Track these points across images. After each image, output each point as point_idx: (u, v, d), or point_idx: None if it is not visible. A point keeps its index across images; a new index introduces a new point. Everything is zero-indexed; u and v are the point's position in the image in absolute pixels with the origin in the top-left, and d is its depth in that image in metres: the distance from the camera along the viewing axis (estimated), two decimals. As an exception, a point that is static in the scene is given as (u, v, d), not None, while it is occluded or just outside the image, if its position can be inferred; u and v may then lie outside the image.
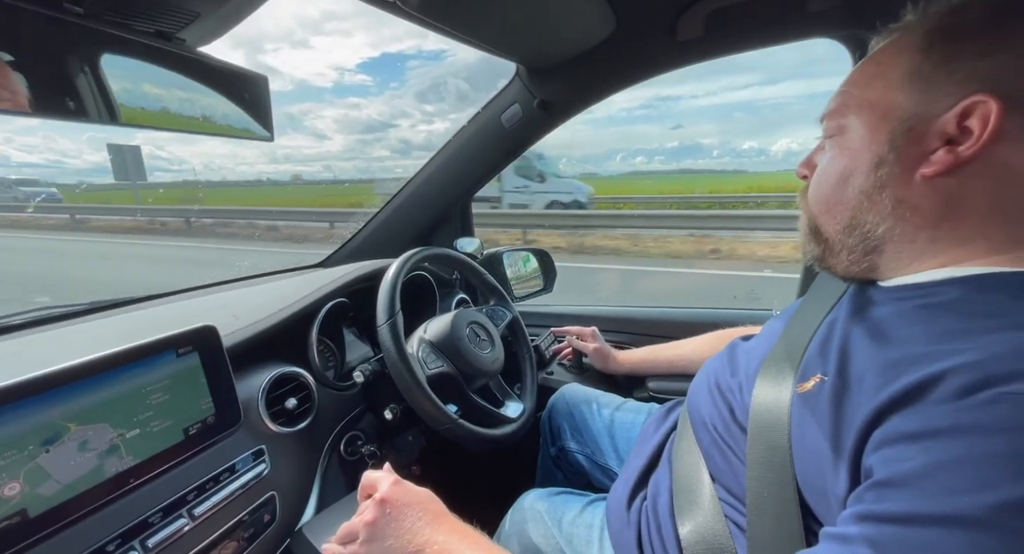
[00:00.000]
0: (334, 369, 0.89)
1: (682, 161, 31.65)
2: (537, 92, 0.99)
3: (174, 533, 0.50)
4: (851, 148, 0.44)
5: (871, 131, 0.43)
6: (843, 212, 0.45)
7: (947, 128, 0.38)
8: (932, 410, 0.31)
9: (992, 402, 0.29)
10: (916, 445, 0.31)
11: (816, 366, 0.44)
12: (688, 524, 0.51)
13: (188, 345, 0.56)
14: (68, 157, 34.37)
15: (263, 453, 0.63)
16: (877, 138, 0.42)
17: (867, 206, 0.43)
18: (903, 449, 0.31)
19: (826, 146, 0.48)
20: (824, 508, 0.39)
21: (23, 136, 66.04)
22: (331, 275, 0.93)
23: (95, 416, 0.47)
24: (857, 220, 0.44)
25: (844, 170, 0.45)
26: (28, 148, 57.97)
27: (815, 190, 0.48)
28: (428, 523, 0.49)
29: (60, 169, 35.83)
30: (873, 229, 0.44)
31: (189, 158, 33.87)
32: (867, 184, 0.43)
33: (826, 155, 0.47)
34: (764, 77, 58.30)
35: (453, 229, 1.26)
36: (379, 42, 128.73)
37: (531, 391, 0.93)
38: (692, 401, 0.61)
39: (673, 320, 1.19)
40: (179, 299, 0.92)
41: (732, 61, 19.17)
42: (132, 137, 5.71)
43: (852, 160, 0.44)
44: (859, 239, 0.45)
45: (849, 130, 0.45)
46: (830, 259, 0.48)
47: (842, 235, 0.46)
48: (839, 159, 0.45)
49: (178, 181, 21.57)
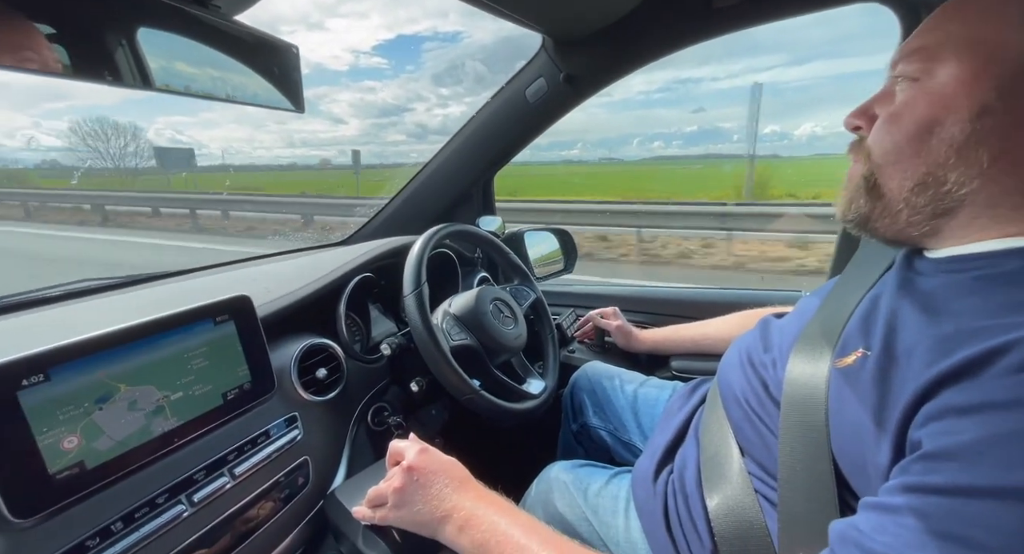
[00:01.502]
0: (360, 343, 0.90)
1: (702, 145, 30.45)
2: (563, 65, 0.96)
3: (217, 490, 0.52)
4: (942, 93, 0.39)
5: (975, 73, 0.38)
6: (917, 167, 0.41)
7: None
8: (991, 384, 0.30)
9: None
10: (971, 418, 0.30)
11: (857, 341, 0.43)
12: (716, 497, 0.51)
13: (225, 314, 0.57)
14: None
15: (296, 420, 0.65)
16: (982, 82, 0.37)
17: (953, 162, 0.39)
18: (956, 422, 0.31)
19: (899, 91, 0.43)
20: (862, 481, 0.39)
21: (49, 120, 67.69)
22: (356, 251, 0.94)
23: (142, 378, 0.49)
24: (935, 178, 0.40)
25: (928, 118, 0.40)
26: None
27: (883, 138, 0.43)
28: (455, 489, 0.50)
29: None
30: (954, 189, 0.39)
31: (208, 142, 33.43)
32: (960, 136, 0.38)
33: (899, 101, 0.42)
34: (789, 58, 55.87)
35: (475, 207, 1.26)
36: (395, 24, 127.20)
37: (553, 370, 0.94)
38: (723, 376, 0.60)
39: (696, 300, 1.17)
40: (212, 273, 0.94)
41: (756, 41, 17.75)
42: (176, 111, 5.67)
43: (941, 107, 0.39)
44: (931, 199, 0.41)
45: (938, 72, 0.39)
46: (881, 220, 0.44)
47: (909, 193, 0.41)
48: (921, 105, 0.40)
49: (213, 165, 21.55)
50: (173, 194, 10.83)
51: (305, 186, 15.85)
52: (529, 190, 11.40)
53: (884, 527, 0.31)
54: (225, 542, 0.53)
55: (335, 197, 9.49)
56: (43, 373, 0.41)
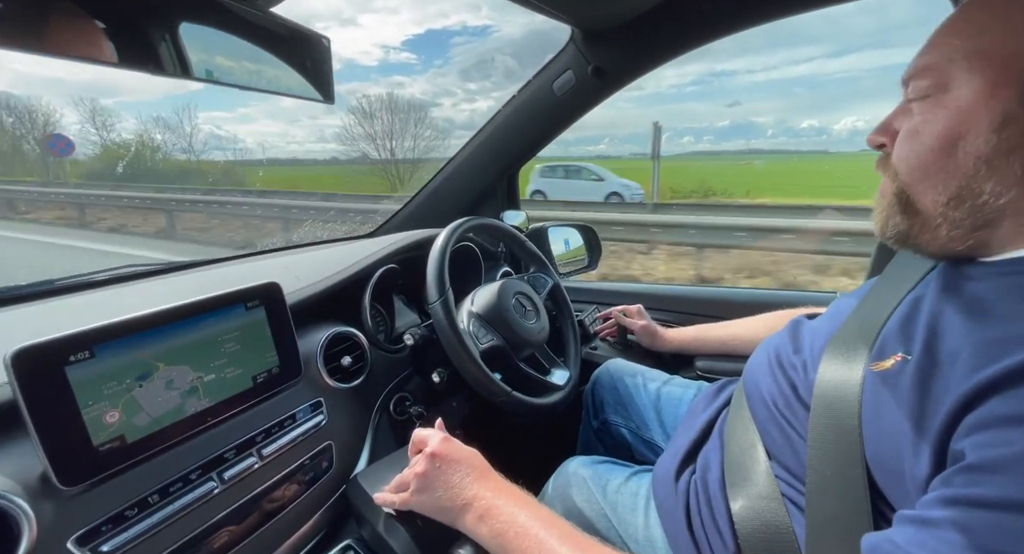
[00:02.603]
0: (385, 332, 0.92)
1: (733, 140, 28.99)
2: (592, 57, 0.95)
3: (246, 469, 0.54)
4: (959, 107, 0.39)
5: (991, 85, 0.37)
6: (949, 181, 0.40)
7: None
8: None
9: None
10: (1018, 429, 0.28)
11: (896, 345, 0.41)
12: (740, 500, 0.50)
13: (256, 299, 0.59)
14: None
15: (321, 405, 0.67)
16: (1001, 93, 0.37)
17: (986, 173, 0.38)
18: (1002, 433, 0.29)
19: (916, 108, 0.42)
20: (899, 491, 0.37)
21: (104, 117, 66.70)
22: (381, 243, 0.96)
23: (179, 358, 0.51)
24: (969, 190, 0.39)
25: (951, 133, 0.39)
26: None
27: (908, 157, 0.43)
28: (475, 479, 0.50)
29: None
30: (992, 200, 0.38)
31: (244, 136, 34.28)
32: (987, 148, 0.37)
33: (917, 117, 0.42)
34: (830, 49, 52.99)
35: (500, 202, 1.26)
36: (424, 19, 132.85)
37: (575, 359, 0.94)
38: (750, 377, 0.59)
39: (724, 300, 1.14)
40: (245, 261, 0.98)
41: (796, 31, 16.87)
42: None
43: (961, 121, 0.38)
44: (969, 212, 0.39)
45: (953, 86, 0.39)
46: (923, 235, 0.43)
47: (946, 208, 0.40)
48: (941, 120, 0.40)
49: (248, 160, 21.55)
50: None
51: (330, 183, 16.12)
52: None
53: (923, 542, 0.30)
54: (252, 520, 0.55)
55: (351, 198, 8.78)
56: (89, 350, 0.44)
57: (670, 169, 13.16)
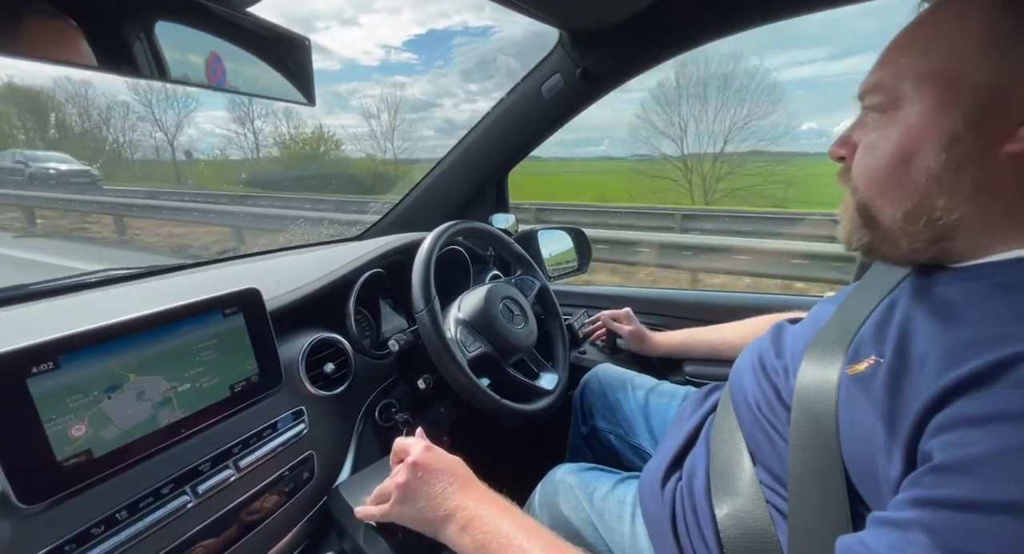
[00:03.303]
0: (370, 338, 0.90)
1: (736, 143, 28.48)
2: (580, 60, 0.95)
3: (222, 482, 0.53)
4: (910, 124, 0.39)
5: (938, 105, 0.38)
6: (905, 197, 0.40)
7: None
8: (1005, 393, 0.29)
9: None
10: (983, 429, 0.29)
11: (870, 348, 0.42)
12: (725, 507, 0.49)
13: (234, 306, 0.58)
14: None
15: (302, 414, 0.65)
16: (947, 113, 0.37)
17: (937, 191, 0.39)
18: (968, 433, 0.29)
19: (870, 122, 0.43)
20: (874, 493, 0.37)
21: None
22: (368, 246, 0.94)
23: (151, 369, 0.49)
24: (924, 207, 0.40)
25: (904, 150, 0.40)
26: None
27: (865, 172, 0.43)
28: (459, 489, 0.49)
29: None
30: (944, 216, 0.39)
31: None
32: (937, 166, 0.38)
33: (872, 132, 0.42)
34: (832, 51, 53.74)
35: (488, 204, 1.25)
36: (426, 19, 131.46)
37: (563, 363, 0.93)
38: (735, 382, 0.58)
39: (713, 304, 1.14)
40: (226, 265, 0.96)
41: (798, 32, 16.64)
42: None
43: (913, 138, 0.39)
44: (925, 227, 0.40)
45: (904, 104, 0.40)
46: (885, 247, 0.44)
47: (903, 223, 0.41)
48: (894, 137, 0.40)
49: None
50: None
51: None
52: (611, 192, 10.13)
53: (893, 543, 0.30)
54: (229, 534, 0.53)
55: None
56: (53, 361, 0.42)
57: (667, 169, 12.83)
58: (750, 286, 4.05)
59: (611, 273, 4.65)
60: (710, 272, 4.35)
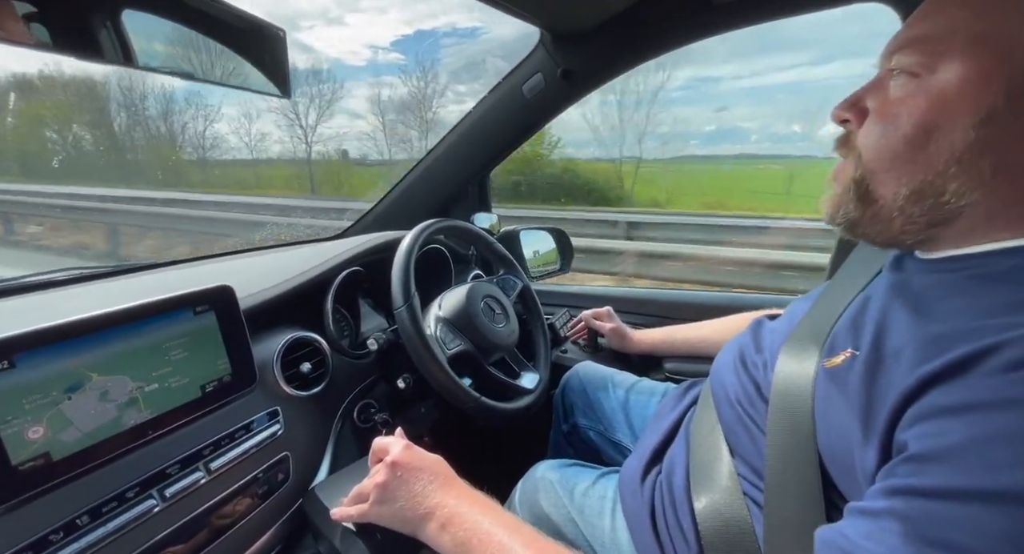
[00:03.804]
0: (349, 338, 0.89)
1: (720, 145, 29.07)
2: (561, 61, 0.95)
3: (191, 485, 0.51)
4: (943, 94, 0.35)
5: (983, 74, 0.33)
6: (913, 174, 0.37)
7: None
8: (979, 383, 0.29)
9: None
10: (958, 419, 0.29)
11: (846, 341, 0.42)
12: (704, 499, 0.50)
13: (205, 304, 0.56)
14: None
15: (278, 414, 0.64)
16: (991, 84, 0.33)
17: (954, 172, 0.35)
18: (942, 423, 0.30)
19: (894, 86, 0.38)
20: (850, 484, 0.38)
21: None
22: (347, 245, 0.93)
23: (116, 368, 0.47)
24: (932, 187, 0.37)
25: (928, 121, 0.36)
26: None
27: (876, 139, 0.39)
28: (439, 487, 0.49)
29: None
30: (953, 200, 0.36)
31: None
32: (962, 144, 0.34)
33: (896, 97, 0.38)
34: (815, 56, 55.09)
35: (471, 204, 1.25)
36: (414, 19, 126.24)
37: (545, 361, 0.93)
38: (716, 377, 0.59)
39: (692, 303, 1.16)
40: (202, 264, 0.93)
41: (782, 38, 17.04)
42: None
43: (942, 111, 0.35)
44: (928, 209, 0.37)
45: (943, 67, 0.35)
46: (872, 226, 0.42)
47: (905, 202, 0.38)
48: (921, 105, 0.36)
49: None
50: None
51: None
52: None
53: (871, 533, 0.30)
54: (199, 539, 0.52)
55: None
56: (7, 360, 0.40)
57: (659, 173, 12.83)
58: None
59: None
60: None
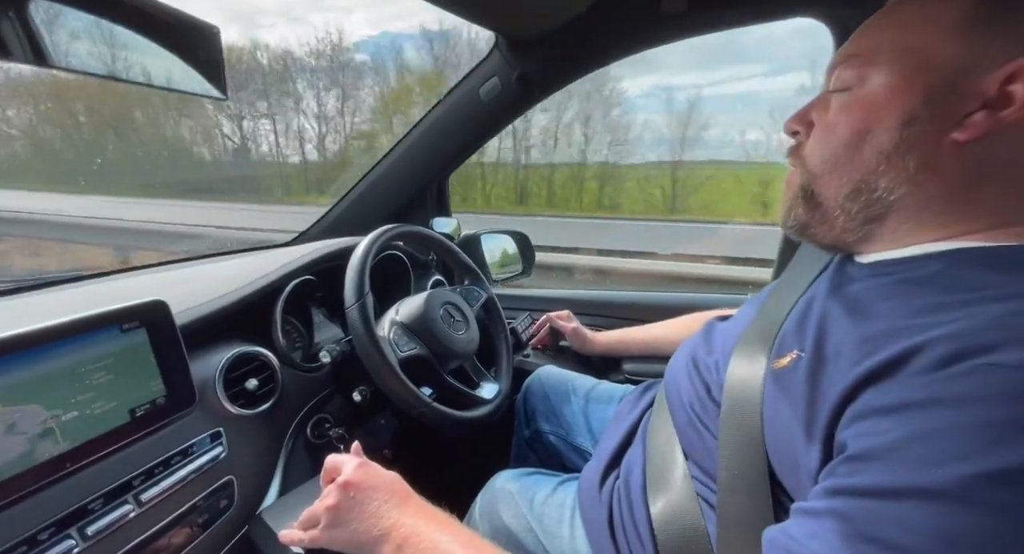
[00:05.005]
0: (301, 350, 0.85)
1: (689, 153, 28.96)
2: (516, 65, 0.95)
3: (117, 520, 0.47)
4: (873, 102, 0.40)
5: (905, 79, 0.38)
6: (851, 174, 0.42)
7: (988, 89, 0.35)
8: (908, 382, 0.31)
9: (968, 373, 0.28)
10: (891, 418, 0.30)
11: (792, 343, 0.44)
12: (660, 502, 0.50)
13: (134, 320, 0.52)
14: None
15: (220, 435, 0.59)
16: (912, 89, 0.38)
17: (883, 169, 0.40)
18: (877, 422, 0.31)
19: (833, 100, 0.43)
20: (796, 484, 0.39)
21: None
22: (298, 252, 0.89)
23: (25, 397, 0.43)
24: (866, 184, 0.41)
25: (861, 127, 0.41)
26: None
27: (819, 149, 0.44)
28: (395, 506, 0.47)
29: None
30: (884, 195, 0.40)
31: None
32: (890, 144, 0.39)
33: (834, 111, 0.43)
34: (769, 68, 57.81)
35: (429, 208, 1.23)
36: (380, 20, 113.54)
37: (507, 372, 0.92)
38: (669, 380, 0.60)
39: (649, 304, 1.19)
40: (136, 275, 0.86)
41: (740, 50, 18.27)
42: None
43: (873, 116, 0.40)
44: (863, 205, 0.42)
45: (871, 81, 0.40)
46: (818, 227, 0.46)
47: (844, 200, 0.42)
48: (854, 114, 0.41)
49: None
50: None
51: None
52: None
53: (814, 532, 0.31)
54: None
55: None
56: None
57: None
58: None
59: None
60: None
